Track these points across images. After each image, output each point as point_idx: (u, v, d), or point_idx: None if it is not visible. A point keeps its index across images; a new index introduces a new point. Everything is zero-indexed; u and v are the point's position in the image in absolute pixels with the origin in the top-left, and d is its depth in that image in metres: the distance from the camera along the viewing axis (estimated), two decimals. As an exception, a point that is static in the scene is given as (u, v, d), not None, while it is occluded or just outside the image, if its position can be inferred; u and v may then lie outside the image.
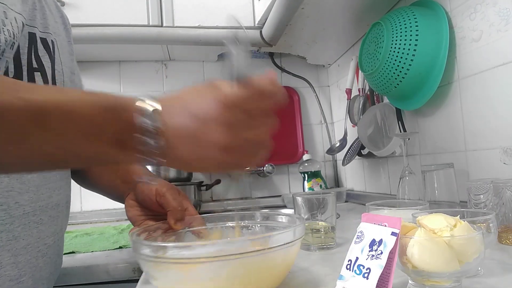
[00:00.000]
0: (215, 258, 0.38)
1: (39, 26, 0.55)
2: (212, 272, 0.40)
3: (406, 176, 0.86)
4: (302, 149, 1.56)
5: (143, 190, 0.59)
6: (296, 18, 1.10)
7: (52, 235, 0.57)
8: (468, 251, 0.37)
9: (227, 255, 0.39)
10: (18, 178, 0.50)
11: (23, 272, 0.50)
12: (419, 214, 0.46)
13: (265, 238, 0.42)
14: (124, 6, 1.14)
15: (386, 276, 0.36)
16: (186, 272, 0.40)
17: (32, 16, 0.54)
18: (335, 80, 1.57)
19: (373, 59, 0.89)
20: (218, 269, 0.39)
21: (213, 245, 0.41)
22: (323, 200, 0.65)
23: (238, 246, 0.40)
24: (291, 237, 0.43)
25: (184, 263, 0.40)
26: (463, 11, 0.79)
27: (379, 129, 1.08)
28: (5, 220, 0.48)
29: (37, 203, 0.52)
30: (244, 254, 0.39)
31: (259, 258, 0.40)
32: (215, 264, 0.39)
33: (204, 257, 0.39)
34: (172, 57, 1.49)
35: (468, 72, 0.79)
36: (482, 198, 0.62)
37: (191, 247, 0.41)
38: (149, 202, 0.58)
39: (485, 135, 0.76)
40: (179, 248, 0.41)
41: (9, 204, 0.48)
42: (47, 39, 0.57)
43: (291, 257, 0.46)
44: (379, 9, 1.08)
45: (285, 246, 0.42)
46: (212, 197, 1.50)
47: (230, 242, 0.44)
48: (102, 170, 0.68)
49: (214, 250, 0.39)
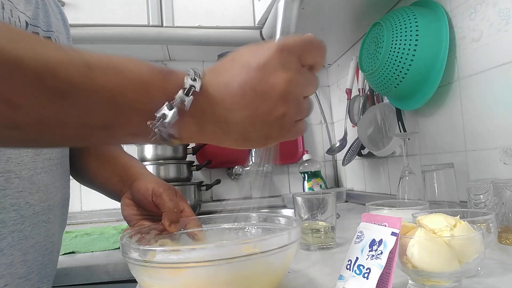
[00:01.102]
0: (205, 263, 0.37)
1: (42, 25, 0.55)
2: (201, 277, 0.39)
3: (406, 176, 0.86)
4: (302, 149, 1.56)
5: (139, 189, 0.58)
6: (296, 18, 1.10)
7: (58, 233, 0.58)
8: (468, 251, 0.37)
9: (217, 260, 0.37)
10: (29, 178, 0.50)
11: (30, 270, 0.51)
12: (419, 214, 0.46)
13: (259, 241, 0.40)
14: (124, 6, 1.14)
15: (386, 276, 0.36)
16: (176, 277, 0.39)
17: (36, 16, 0.54)
18: (335, 80, 1.57)
19: (373, 59, 0.89)
20: (208, 273, 0.38)
21: (202, 249, 0.39)
22: (323, 200, 0.65)
23: (229, 250, 0.38)
24: (285, 241, 0.41)
25: (172, 268, 0.38)
26: (463, 11, 0.79)
27: (379, 129, 1.08)
28: (16, 220, 0.48)
29: (46, 202, 0.53)
30: (234, 258, 0.38)
31: (251, 263, 0.39)
32: (205, 269, 0.38)
33: (193, 261, 0.38)
34: (172, 57, 1.49)
35: (468, 72, 0.79)
36: (482, 198, 0.62)
37: (180, 251, 0.39)
38: (145, 202, 0.57)
39: (485, 135, 0.76)
40: (167, 252, 0.40)
41: (20, 204, 0.48)
42: (51, 37, 0.57)
43: (286, 261, 0.44)
44: (379, 9, 1.08)
45: (279, 250, 0.40)
46: (212, 197, 1.50)
47: (220, 246, 0.42)
48: (99, 166, 0.67)
49: (204, 255, 0.38)
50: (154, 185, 0.57)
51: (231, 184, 1.52)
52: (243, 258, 0.38)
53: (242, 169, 1.40)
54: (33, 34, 0.42)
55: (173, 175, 1.23)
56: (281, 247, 0.40)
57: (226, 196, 1.51)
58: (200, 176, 1.49)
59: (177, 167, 1.25)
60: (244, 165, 1.42)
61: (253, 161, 1.42)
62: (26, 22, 0.49)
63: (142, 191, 0.57)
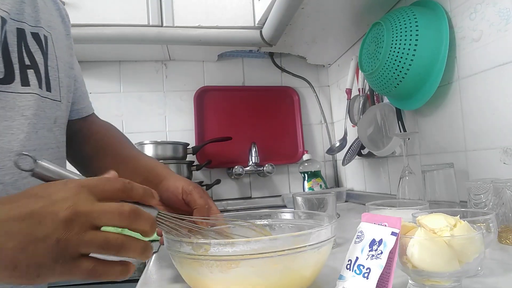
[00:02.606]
0: (260, 255, 0.38)
1: (28, 20, 0.53)
2: (254, 270, 0.39)
3: (406, 176, 0.86)
4: (302, 149, 1.56)
5: (168, 188, 0.58)
6: (296, 18, 1.10)
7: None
8: (468, 251, 0.37)
9: (271, 252, 0.38)
10: (12, 184, 0.48)
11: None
12: (419, 214, 0.46)
13: (306, 235, 0.41)
14: (124, 6, 1.14)
15: (386, 276, 0.36)
16: (229, 270, 0.39)
17: (20, 10, 0.52)
18: (335, 80, 1.57)
19: (373, 59, 0.89)
20: (261, 266, 0.39)
21: (257, 242, 0.40)
22: (323, 200, 0.65)
23: (282, 242, 0.39)
24: (329, 234, 0.42)
25: (228, 260, 0.39)
26: (463, 11, 0.79)
27: (379, 129, 1.08)
28: None
29: None
30: (287, 251, 0.38)
31: (302, 255, 0.40)
32: (259, 261, 0.38)
33: (248, 254, 0.38)
34: (172, 57, 1.49)
35: (468, 72, 0.79)
36: (482, 198, 0.62)
37: (235, 244, 0.40)
38: (174, 200, 0.57)
39: (485, 135, 0.76)
40: (222, 245, 0.41)
41: None
42: (39, 33, 0.55)
43: (326, 255, 0.45)
44: (379, 9, 1.08)
45: (324, 243, 0.41)
46: (212, 197, 1.50)
47: (274, 239, 0.43)
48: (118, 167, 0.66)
49: (259, 247, 0.39)
50: (183, 183, 0.57)
51: (231, 184, 1.52)
52: (294, 250, 0.39)
53: (242, 169, 1.40)
54: None
55: (173, 175, 1.23)
56: (326, 240, 0.42)
57: (226, 196, 1.51)
58: (200, 176, 1.49)
59: (177, 167, 1.25)
60: (244, 165, 1.43)
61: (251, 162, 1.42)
62: (2, 18, 0.47)
63: (172, 190, 0.58)
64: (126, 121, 1.46)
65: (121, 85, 1.48)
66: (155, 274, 0.58)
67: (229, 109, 1.53)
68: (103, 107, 1.45)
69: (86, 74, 1.45)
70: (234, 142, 1.42)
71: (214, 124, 1.51)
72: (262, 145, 1.49)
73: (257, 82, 1.59)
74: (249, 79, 1.59)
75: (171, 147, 1.28)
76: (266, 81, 1.59)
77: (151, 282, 0.54)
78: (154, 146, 1.25)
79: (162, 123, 1.50)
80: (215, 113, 1.52)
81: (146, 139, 1.32)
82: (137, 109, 1.48)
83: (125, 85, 1.48)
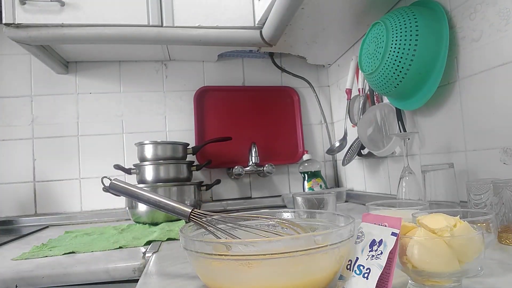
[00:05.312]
0: (281, 255, 0.38)
1: None
2: (275, 269, 0.39)
3: (406, 176, 0.86)
4: (302, 149, 1.56)
5: None
6: (296, 18, 1.10)
7: None
8: (468, 251, 0.37)
9: (292, 251, 0.38)
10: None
11: None
12: (419, 214, 0.46)
13: (326, 234, 0.42)
14: (124, 6, 1.14)
15: (386, 276, 0.36)
16: (250, 269, 0.39)
17: None
18: (335, 80, 1.57)
19: (373, 59, 0.89)
20: (282, 265, 0.39)
21: (278, 241, 0.40)
22: (323, 200, 0.65)
23: (304, 242, 0.39)
24: (347, 234, 0.42)
25: (249, 260, 0.39)
26: (463, 11, 0.79)
27: (379, 129, 1.08)
28: None
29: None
30: (309, 250, 0.38)
31: (322, 254, 0.40)
32: (280, 261, 0.38)
33: (269, 253, 0.38)
34: (172, 57, 1.49)
35: (468, 72, 0.79)
36: (482, 198, 0.62)
37: (256, 243, 0.40)
38: None
39: (485, 135, 0.76)
40: (243, 245, 0.41)
41: None
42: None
43: (347, 254, 0.45)
44: (379, 9, 1.08)
45: (343, 243, 0.41)
46: (212, 197, 1.50)
47: (295, 238, 0.44)
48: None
49: (281, 246, 0.39)
50: None
51: (231, 184, 1.52)
52: (319, 249, 0.39)
53: (242, 169, 1.40)
54: None
55: (173, 175, 1.23)
56: (347, 239, 0.41)
57: (226, 196, 1.51)
58: (200, 176, 1.49)
59: (177, 167, 1.25)
60: (244, 165, 1.42)
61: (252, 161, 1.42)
62: None
63: None
64: (126, 121, 1.46)
65: (121, 85, 1.48)
66: (155, 274, 0.58)
67: (229, 109, 1.53)
68: (103, 107, 1.45)
69: (86, 74, 1.46)
70: (234, 142, 1.43)
71: (214, 124, 1.51)
72: (262, 145, 1.49)
73: (257, 82, 1.59)
74: (249, 79, 1.59)
75: (171, 147, 1.28)
76: (266, 81, 1.60)
77: (151, 282, 0.54)
78: (154, 146, 1.25)
79: (162, 123, 1.50)
80: (215, 113, 1.52)
81: (146, 139, 1.32)
82: (137, 109, 1.48)
83: (125, 85, 1.48)
